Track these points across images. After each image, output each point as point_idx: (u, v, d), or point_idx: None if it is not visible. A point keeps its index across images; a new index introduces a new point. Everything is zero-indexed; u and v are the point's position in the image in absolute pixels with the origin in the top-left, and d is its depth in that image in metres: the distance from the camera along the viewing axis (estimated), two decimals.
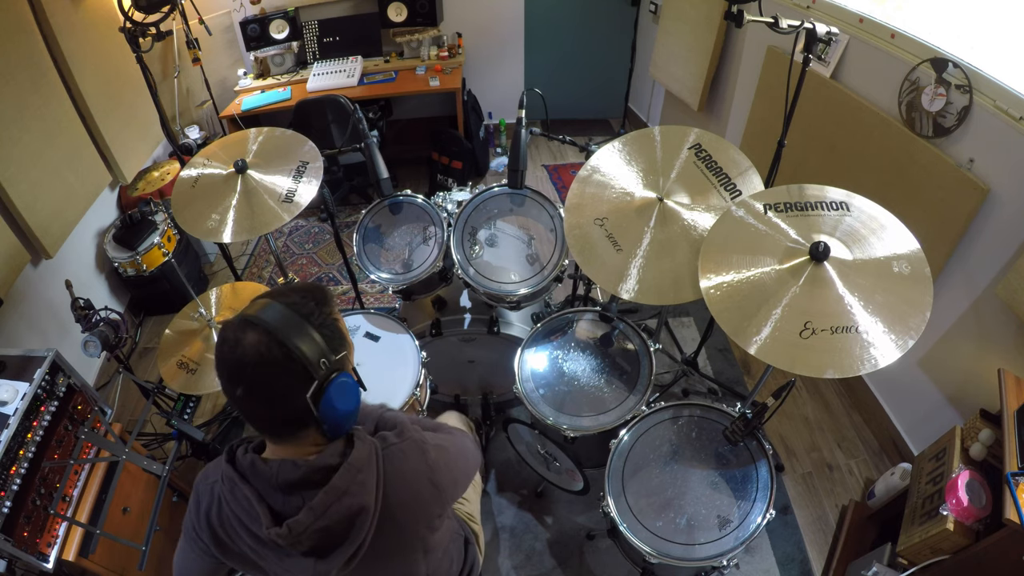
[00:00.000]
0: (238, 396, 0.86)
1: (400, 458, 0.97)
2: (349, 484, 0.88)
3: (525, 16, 3.97)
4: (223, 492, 0.93)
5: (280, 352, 0.84)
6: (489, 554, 2.04)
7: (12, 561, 1.42)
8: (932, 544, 1.43)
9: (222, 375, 0.87)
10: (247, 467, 0.92)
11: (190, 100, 3.53)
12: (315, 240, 3.70)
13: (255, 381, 0.85)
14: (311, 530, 0.87)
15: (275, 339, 0.84)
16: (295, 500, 0.89)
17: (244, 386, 0.85)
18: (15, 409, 1.49)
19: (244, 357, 0.84)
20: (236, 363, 0.84)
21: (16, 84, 2.21)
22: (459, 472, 1.08)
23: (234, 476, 0.91)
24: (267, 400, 0.87)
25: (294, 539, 0.86)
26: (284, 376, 0.86)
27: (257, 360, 0.84)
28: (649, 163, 1.67)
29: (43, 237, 2.34)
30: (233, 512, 0.92)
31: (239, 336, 0.85)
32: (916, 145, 1.87)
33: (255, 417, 0.90)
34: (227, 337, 0.86)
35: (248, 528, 0.91)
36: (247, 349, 0.84)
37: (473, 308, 2.11)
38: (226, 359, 0.85)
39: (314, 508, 0.87)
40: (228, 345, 0.85)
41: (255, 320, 0.86)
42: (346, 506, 0.88)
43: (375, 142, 1.92)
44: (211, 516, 0.96)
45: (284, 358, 0.85)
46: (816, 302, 1.26)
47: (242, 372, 0.85)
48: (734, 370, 2.67)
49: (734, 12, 1.66)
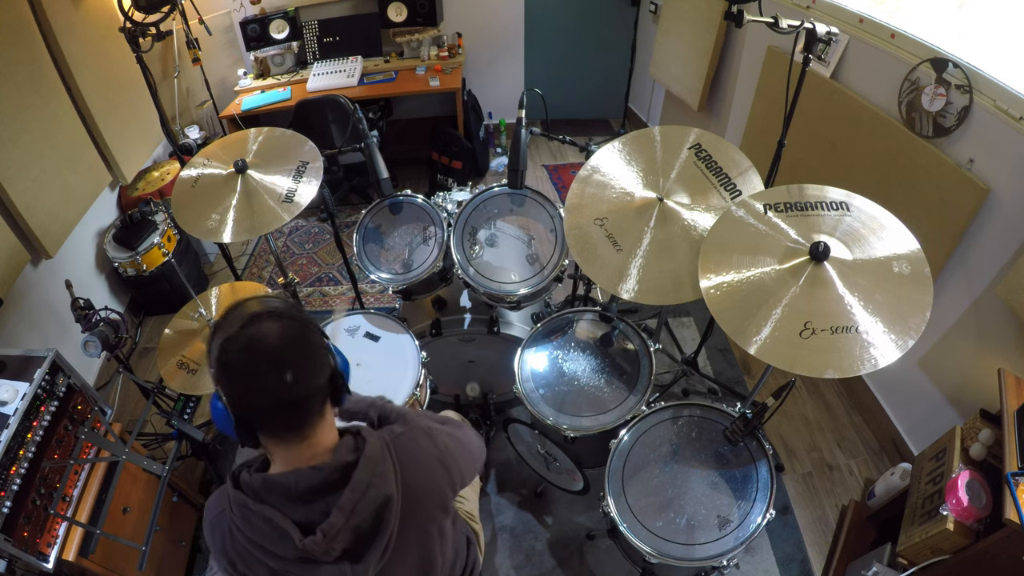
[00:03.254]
0: (287, 384, 0.84)
1: (411, 445, 0.99)
2: (371, 477, 0.89)
3: (525, 16, 3.97)
4: (234, 520, 0.89)
5: (303, 327, 0.89)
6: (489, 554, 2.04)
7: (12, 561, 1.42)
8: (932, 544, 1.43)
9: (260, 373, 0.84)
10: (259, 486, 0.89)
11: (190, 100, 3.53)
12: (315, 240, 3.69)
13: (302, 358, 0.87)
14: (344, 530, 0.86)
15: (293, 317, 0.88)
16: (318, 506, 0.88)
17: (292, 368, 0.85)
18: (15, 409, 1.49)
19: (283, 341, 0.85)
20: (277, 351, 0.85)
21: (16, 84, 2.20)
22: (467, 456, 1.10)
23: (246, 500, 0.88)
24: (317, 372, 0.89)
25: (328, 544, 0.85)
26: (316, 344, 0.91)
27: (294, 339, 0.87)
28: (649, 163, 1.67)
29: (43, 237, 2.34)
30: (248, 538, 0.88)
31: (263, 329, 0.85)
32: (916, 145, 1.87)
33: (295, 407, 0.88)
34: (252, 335, 0.84)
35: (268, 550, 0.88)
36: (282, 334, 0.85)
37: (473, 308, 2.11)
38: (265, 353, 0.84)
39: (343, 507, 0.86)
40: (259, 341, 0.84)
41: (265, 312, 0.87)
42: (372, 499, 0.88)
43: (375, 142, 1.92)
44: (229, 553, 0.92)
45: (308, 330, 0.90)
46: (816, 302, 1.26)
47: (287, 355, 0.85)
48: (734, 370, 2.67)
49: (734, 12, 1.67)
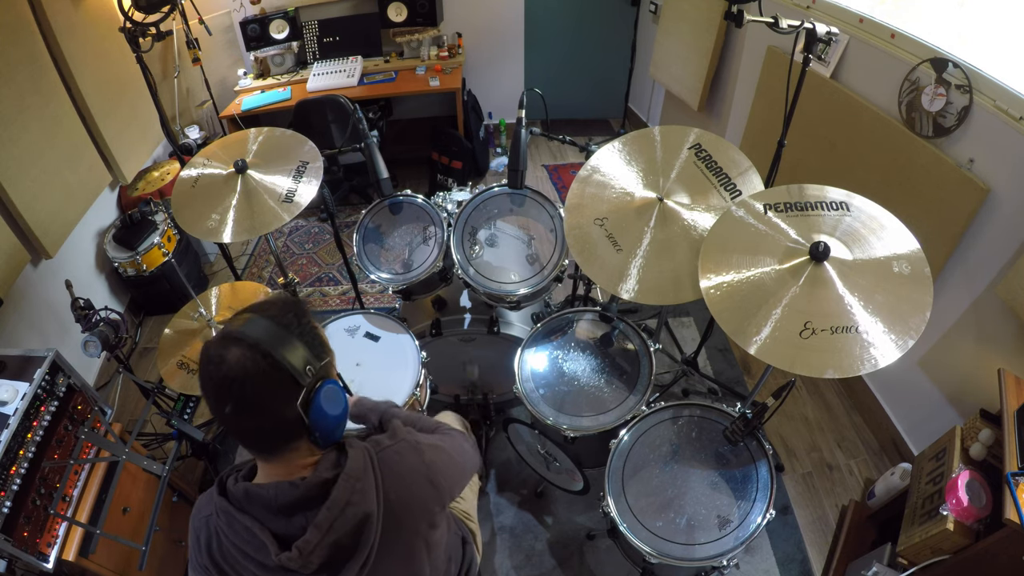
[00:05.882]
0: (227, 414, 0.84)
1: (396, 460, 0.97)
2: (350, 495, 0.87)
3: (525, 16, 3.97)
4: (219, 525, 0.90)
5: (266, 363, 0.83)
6: (489, 554, 2.04)
7: (12, 561, 1.42)
8: (932, 544, 1.43)
9: (208, 395, 0.85)
10: (241, 496, 0.89)
11: (190, 100, 3.53)
12: (315, 240, 3.69)
13: (243, 395, 0.83)
14: (321, 547, 0.85)
15: (260, 350, 0.82)
16: (298, 520, 0.88)
17: (232, 402, 0.83)
18: (15, 409, 1.49)
19: (230, 372, 0.81)
20: (222, 380, 0.82)
21: (16, 84, 2.21)
22: (456, 471, 1.08)
23: (230, 508, 0.89)
24: (257, 414, 0.85)
25: (304, 560, 0.84)
26: (272, 387, 0.84)
27: (243, 374, 0.82)
28: (649, 163, 1.67)
29: (43, 237, 2.34)
30: (233, 543, 0.89)
31: (222, 353, 0.82)
32: (916, 145, 1.87)
33: (246, 434, 0.88)
34: (210, 356, 0.83)
35: (252, 557, 0.88)
36: (232, 364, 0.81)
37: (473, 308, 2.11)
38: (212, 377, 0.83)
39: (319, 525, 0.85)
40: (212, 364, 0.82)
41: (237, 335, 0.83)
42: (350, 516, 0.87)
43: (375, 142, 1.92)
44: (212, 551, 0.93)
45: (271, 368, 0.83)
46: (816, 302, 1.26)
47: (229, 388, 0.82)
48: (734, 370, 2.67)
49: (734, 12, 1.66)
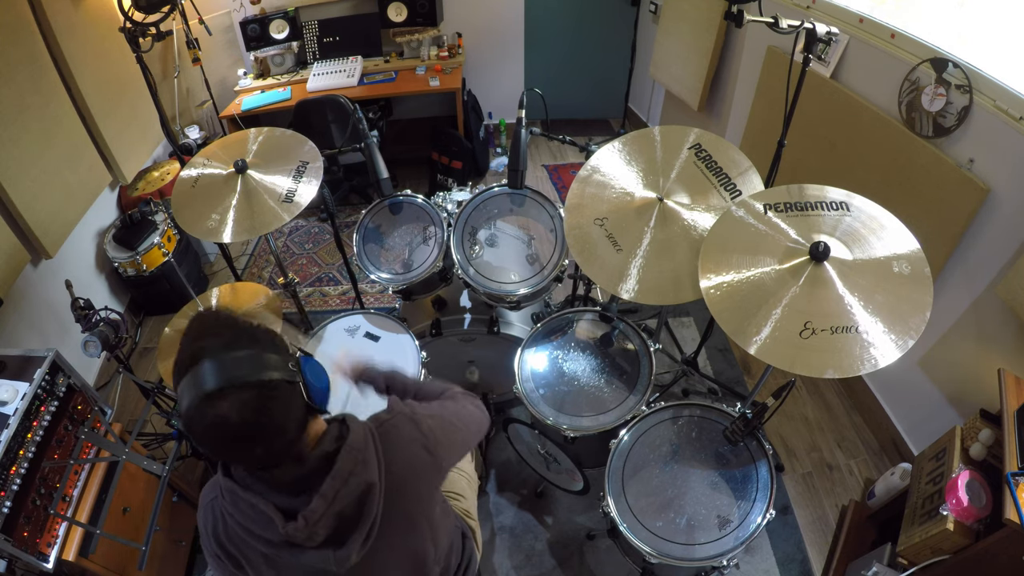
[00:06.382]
0: (259, 455, 0.84)
1: (394, 432, 1.00)
2: (353, 465, 0.90)
3: (525, 16, 3.97)
4: (224, 506, 0.93)
5: (262, 392, 0.81)
6: (488, 554, 2.04)
7: (12, 561, 1.42)
8: (932, 544, 1.43)
9: (230, 453, 0.85)
10: (246, 475, 0.92)
11: (190, 100, 3.53)
12: (315, 240, 3.69)
13: (264, 431, 0.82)
14: (326, 517, 0.87)
15: (248, 387, 0.80)
16: (303, 497, 0.89)
17: (261, 443, 0.82)
18: (15, 409, 1.49)
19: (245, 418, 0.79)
20: (239, 430, 0.80)
21: (16, 84, 2.21)
22: (456, 435, 1.10)
23: (235, 487, 0.90)
24: (283, 431, 0.85)
25: (310, 530, 0.86)
26: (283, 403, 0.85)
27: (255, 411, 0.80)
28: (649, 163, 1.67)
29: (43, 237, 2.34)
30: (239, 523, 0.91)
31: (216, 412, 0.78)
32: (916, 145, 1.87)
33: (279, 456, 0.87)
34: (207, 423, 0.79)
35: (258, 535, 0.90)
36: (241, 410, 0.79)
37: (473, 308, 2.11)
38: (224, 438, 0.81)
39: (325, 494, 0.87)
40: (215, 427, 0.79)
41: (213, 391, 0.78)
42: (354, 486, 0.90)
43: (375, 142, 1.92)
44: (219, 535, 0.96)
45: (269, 392, 0.82)
46: (816, 302, 1.26)
47: (252, 431, 0.81)
48: (734, 370, 2.66)
49: (734, 12, 1.66)
